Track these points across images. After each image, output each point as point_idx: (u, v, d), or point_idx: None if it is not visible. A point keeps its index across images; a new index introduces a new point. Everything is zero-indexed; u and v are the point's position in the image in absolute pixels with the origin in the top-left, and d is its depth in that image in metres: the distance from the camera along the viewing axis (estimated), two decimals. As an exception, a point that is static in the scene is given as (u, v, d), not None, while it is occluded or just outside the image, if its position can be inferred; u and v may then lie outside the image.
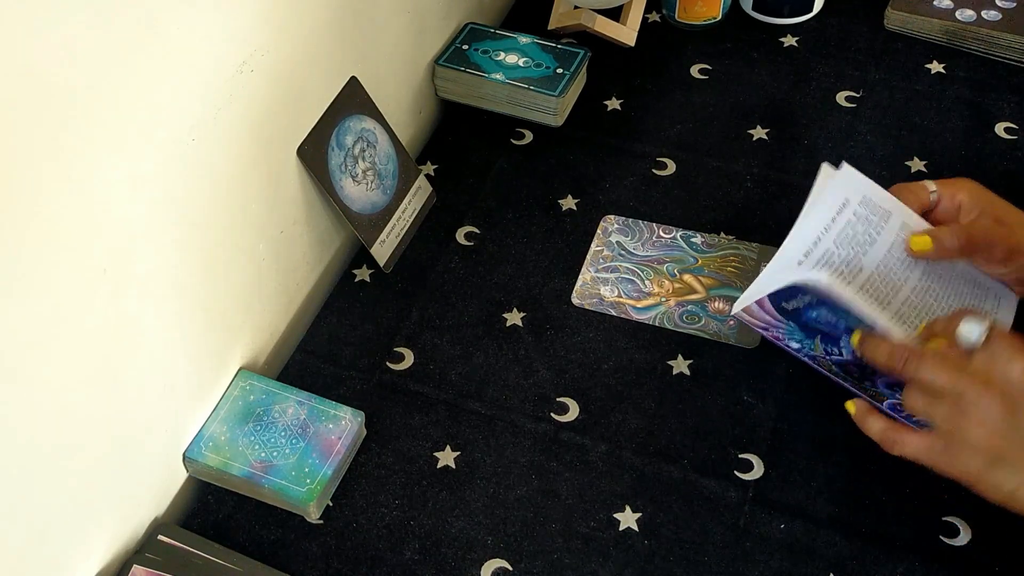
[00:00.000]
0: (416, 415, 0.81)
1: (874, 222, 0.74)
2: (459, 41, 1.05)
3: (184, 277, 0.72)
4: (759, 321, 0.75)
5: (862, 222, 0.73)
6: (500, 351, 0.85)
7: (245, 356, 0.83)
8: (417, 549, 0.74)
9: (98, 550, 0.70)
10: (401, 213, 0.92)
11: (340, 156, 0.86)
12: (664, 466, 0.77)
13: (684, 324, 0.85)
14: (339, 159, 0.86)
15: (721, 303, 0.86)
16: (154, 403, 0.73)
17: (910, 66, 1.07)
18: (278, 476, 0.75)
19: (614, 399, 0.81)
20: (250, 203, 0.78)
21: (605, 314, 0.86)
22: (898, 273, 0.73)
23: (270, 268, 0.83)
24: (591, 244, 0.92)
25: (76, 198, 0.60)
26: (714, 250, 0.90)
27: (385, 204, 0.91)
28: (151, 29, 0.62)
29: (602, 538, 0.74)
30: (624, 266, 0.89)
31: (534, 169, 0.99)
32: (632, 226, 0.93)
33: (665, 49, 1.11)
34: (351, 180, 0.88)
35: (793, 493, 0.75)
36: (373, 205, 0.90)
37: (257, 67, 0.74)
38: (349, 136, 0.87)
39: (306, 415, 0.79)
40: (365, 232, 0.89)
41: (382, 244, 0.90)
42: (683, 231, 0.92)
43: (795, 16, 1.12)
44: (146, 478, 0.74)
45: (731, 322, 0.85)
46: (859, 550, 0.72)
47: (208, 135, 0.70)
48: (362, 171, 0.89)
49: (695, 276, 0.88)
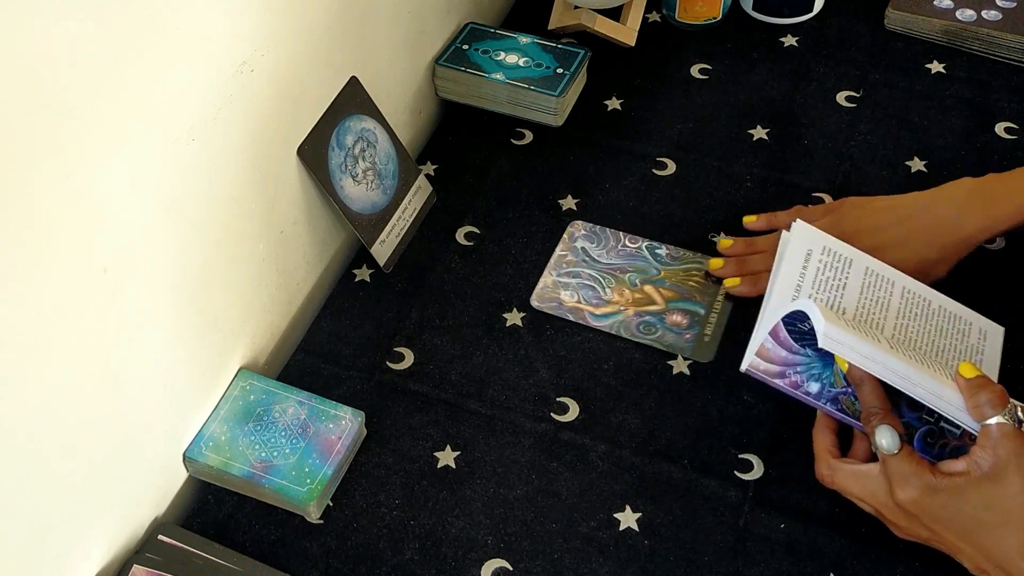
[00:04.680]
0: (416, 415, 0.81)
1: (840, 268, 0.76)
2: (459, 41, 1.05)
3: (184, 277, 0.72)
4: (775, 365, 0.73)
5: (829, 268, 0.76)
6: (500, 351, 0.85)
7: (245, 356, 0.83)
8: (417, 549, 0.74)
9: (98, 550, 0.70)
10: (401, 213, 0.92)
11: (340, 156, 0.86)
12: (664, 466, 0.77)
13: (640, 334, 0.85)
14: (339, 159, 0.86)
15: (679, 316, 0.85)
16: (154, 403, 0.73)
17: (910, 66, 1.07)
18: (278, 476, 0.75)
19: (614, 399, 0.81)
20: (250, 203, 0.78)
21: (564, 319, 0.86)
22: (876, 313, 0.74)
23: (270, 268, 0.83)
24: (555, 248, 0.92)
25: (76, 198, 0.60)
26: (678, 263, 0.90)
27: (385, 204, 0.91)
28: (151, 29, 0.62)
29: (602, 538, 0.74)
30: (586, 272, 0.89)
31: (534, 169, 0.99)
32: (599, 233, 0.92)
33: (665, 49, 1.11)
34: (351, 180, 0.88)
35: (793, 493, 0.75)
36: (373, 205, 0.90)
37: (257, 67, 0.74)
38: (349, 136, 0.87)
39: (306, 415, 0.79)
40: (365, 232, 0.89)
41: (382, 244, 0.90)
42: (649, 242, 0.91)
43: (795, 16, 1.12)
44: (146, 478, 0.74)
45: (687, 335, 0.84)
46: (859, 550, 0.72)
47: (208, 135, 0.70)
48: (362, 171, 0.89)
49: (656, 287, 0.87)
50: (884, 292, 0.76)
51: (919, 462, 0.66)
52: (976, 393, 0.65)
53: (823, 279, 0.75)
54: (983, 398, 0.65)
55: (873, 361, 0.66)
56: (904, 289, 0.77)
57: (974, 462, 0.64)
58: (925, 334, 0.75)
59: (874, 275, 0.77)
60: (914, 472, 0.65)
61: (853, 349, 0.66)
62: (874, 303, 0.75)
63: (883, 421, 0.67)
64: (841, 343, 0.66)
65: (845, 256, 0.77)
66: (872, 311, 0.74)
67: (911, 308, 0.76)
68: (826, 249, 0.77)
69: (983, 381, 0.66)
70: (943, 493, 0.64)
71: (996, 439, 0.63)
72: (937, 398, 0.66)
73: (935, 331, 0.75)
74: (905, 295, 0.77)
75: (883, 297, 0.76)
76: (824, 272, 0.76)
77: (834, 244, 0.78)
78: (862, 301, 0.75)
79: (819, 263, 0.76)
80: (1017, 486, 0.62)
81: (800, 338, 0.72)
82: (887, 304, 0.75)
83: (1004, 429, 0.63)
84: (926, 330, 0.75)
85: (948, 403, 0.66)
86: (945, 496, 0.64)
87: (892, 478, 0.66)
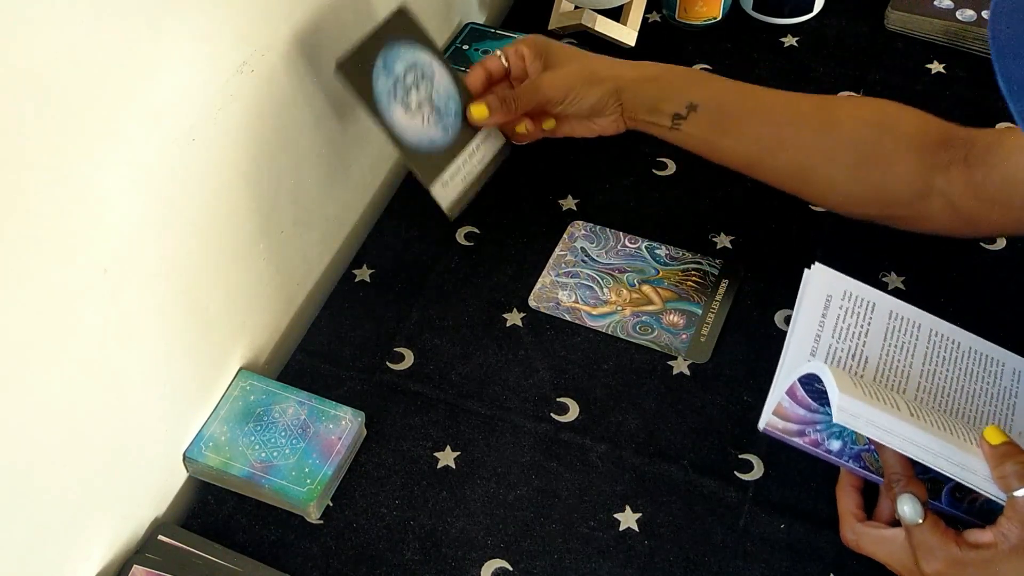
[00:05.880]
0: (416, 415, 0.81)
1: (862, 313, 0.73)
2: (459, 41, 1.05)
3: (184, 277, 0.72)
4: (794, 423, 0.69)
5: (850, 315, 0.73)
6: (500, 351, 0.85)
7: (245, 356, 0.83)
8: (417, 549, 0.74)
9: (98, 550, 0.70)
10: (468, 157, 0.82)
11: (388, 82, 0.76)
12: (664, 466, 0.77)
13: (636, 335, 0.85)
14: (387, 84, 0.76)
15: (676, 316, 0.85)
16: (154, 403, 0.73)
17: (910, 66, 1.07)
18: (278, 476, 0.75)
19: (614, 399, 0.81)
20: (250, 203, 0.78)
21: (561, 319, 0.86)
22: (900, 360, 0.72)
23: (270, 268, 0.83)
24: (555, 248, 0.92)
25: (76, 198, 0.60)
26: (677, 263, 0.90)
27: (446, 143, 0.80)
28: (151, 29, 0.62)
29: (602, 538, 0.74)
30: (585, 272, 0.89)
31: (534, 169, 0.99)
32: (599, 233, 0.92)
33: (665, 49, 1.11)
34: (402, 108, 0.77)
35: (793, 493, 0.75)
36: (431, 141, 0.79)
37: (257, 67, 0.74)
38: (399, 64, 0.77)
39: (306, 415, 0.79)
40: (423, 168, 0.79)
41: (444, 186, 0.80)
42: (649, 242, 0.91)
43: (795, 16, 1.12)
44: (146, 478, 0.74)
45: (683, 336, 0.84)
46: (859, 550, 0.72)
47: (208, 135, 0.70)
48: (416, 103, 0.78)
49: (654, 288, 0.87)
50: (910, 336, 0.73)
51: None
52: (1002, 463, 0.62)
53: (844, 326, 0.72)
54: (1009, 468, 0.61)
55: (891, 434, 0.63)
56: (931, 332, 0.74)
57: (1002, 534, 0.61)
58: (954, 379, 0.72)
59: (899, 319, 0.74)
60: (939, 544, 0.63)
61: (870, 422, 0.63)
62: (899, 349, 0.72)
63: (905, 489, 0.64)
64: (857, 416, 0.63)
65: (868, 300, 0.74)
66: (896, 358, 0.72)
67: (939, 352, 0.73)
68: (847, 294, 0.74)
69: (1010, 449, 0.62)
70: (970, 567, 0.62)
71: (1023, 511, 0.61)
72: (960, 468, 0.63)
73: (964, 375, 0.73)
74: (932, 338, 0.74)
75: (908, 342, 0.73)
76: (845, 319, 0.73)
77: (856, 288, 0.74)
78: (886, 348, 0.72)
79: (840, 309, 0.73)
80: None
81: (819, 397, 0.68)
82: (913, 350, 0.73)
83: None
84: (955, 375, 0.73)
85: (972, 473, 0.63)
86: (972, 569, 0.62)
87: (917, 549, 0.64)
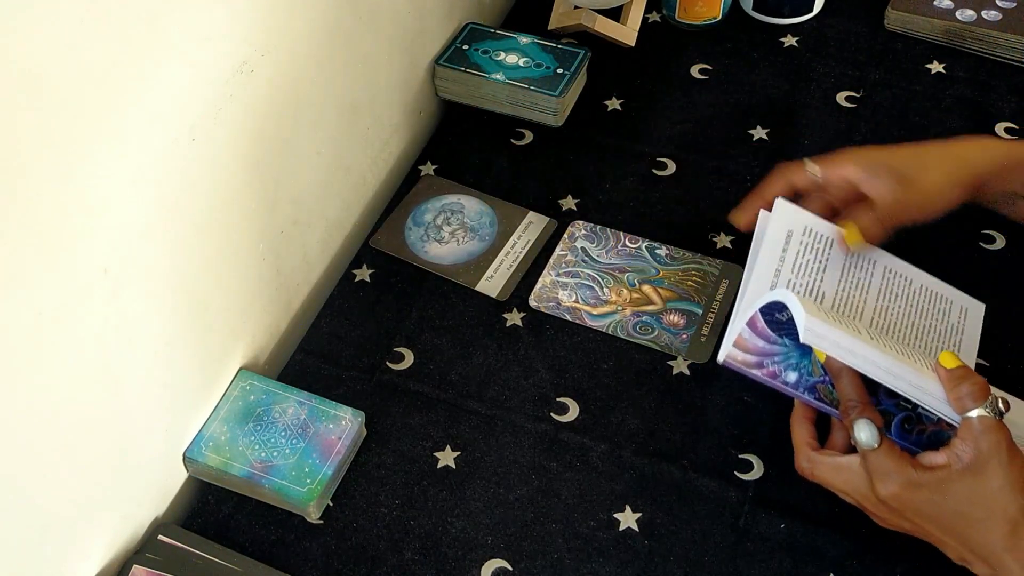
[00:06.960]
0: (416, 415, 0.81)
1: (820, 249, 0.75)
2: (459, 41, 1.05)
3: (184, 277, 0.72)
4: (752, 355, 0.71)
5: (809, 250, 0.75)
6: (500, 351, 0.85)
7: (245, 356, 0.83)
8: (417, 549, 0.74)
9: (98, 550, 0.70)
10: (510, 249, 0.91)
11: (420, 231, 0.91)
12: (664, 466, 0.77)
13: (637, 334, 0.85)
14: (419, 234, 0.91)
15: (676, 316, 0.85)
16: (154, 403, 0.73)
17: (910, 66, 1.07)
18: (278, 476, 0.75)
19: (614, 399, 0.81)
20: (250, 203, 0.78)
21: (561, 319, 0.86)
22: (856, 296, 0.74)
23: (270, 268, 0.83)
24: (555, 248, 0.92)
25: (76, 198, 0.60)
26: (677, 263, 0.90)
27: (483, 250, 0.91)
28: (151, 29, 0.62)
29: (602, 538, 0.74)
30: (585, 272, 0.89)
31: (534, 169, 0.99)
32: (599, 233, 0.92)
33: (665, 49, 1.11)
34: (436, 244, 0.91)
35: (793, 493, 0.75)
36: (469, 254, 0.91)
37: (257, 67, 0.74)
38: (428, 215, 0.92)
39: (306, 415, 0.79)
40: (464, 277, 0.90)
41: (489, 280, 0.89)
42: (649, 242, 0.91)
43: (795, 16, 1.12)
44: (146, 478, 0.74)
45: (683, 336, 0.84)
46: (859, 550, 0.72)
47: (208, 135, 0.70)
48: (449, 233, 0.91)
49: (654, 287, 0.87)
50: (865, 273, 0.76)
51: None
52: (957, 385, 0.65)
53: (803, 262, 0.74)
54: (964, 390, 0.64)
55: (854, 355, 0.66)
56: (885, 269, 0.76)
57: (955, 455, 0.63)
58: (906, 315, 0.74)
59: (855, 255, 0.76)
60: (894, 467, 0.65)
61: (835, 344, 0.66)
62: (854, 285, 0.74)
63: (862, 415, 0.67)
64: (823, 337, 0.66)
65: (826, 236, 0.76)
66: (852, 293, 0.74)
67: (892, 288, 0.76)
68: (807, 229, 0.76)
69: (964, 372, 0.65)
70: (924, 488, 0.64)
71: (977, 432, 0.63)
72: (918, 390, 0.65)
73: (916, 311, 0.75)
74: (886, 275, 0.76)
75: (863, 278, 0.75)
76: (804, 254, 0.75)
77: (816, 224, 0.77)
78: (842, 283, 0.74)
79: (800, 244, 0.75)
80: (999, 480, 0.62)
81: (778, 327, 0.71)
82: (867, 285, 0.75)
83: (985, 422, 0.63)
84: (907, 311, 0.75)
85: (929, 395, 0.65)
86: (926, 491, 0.64)
87: (872, 473, 0.66)
